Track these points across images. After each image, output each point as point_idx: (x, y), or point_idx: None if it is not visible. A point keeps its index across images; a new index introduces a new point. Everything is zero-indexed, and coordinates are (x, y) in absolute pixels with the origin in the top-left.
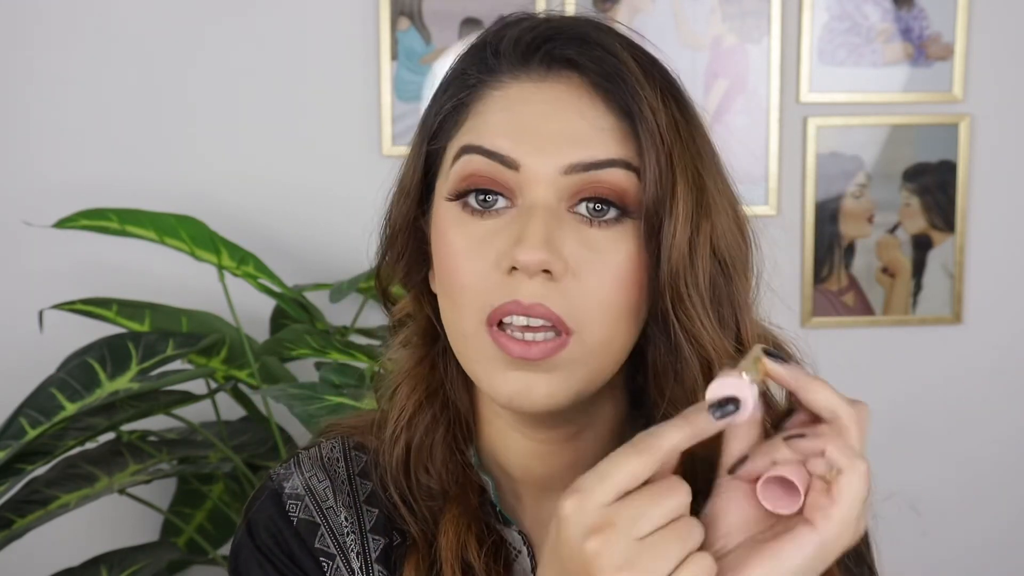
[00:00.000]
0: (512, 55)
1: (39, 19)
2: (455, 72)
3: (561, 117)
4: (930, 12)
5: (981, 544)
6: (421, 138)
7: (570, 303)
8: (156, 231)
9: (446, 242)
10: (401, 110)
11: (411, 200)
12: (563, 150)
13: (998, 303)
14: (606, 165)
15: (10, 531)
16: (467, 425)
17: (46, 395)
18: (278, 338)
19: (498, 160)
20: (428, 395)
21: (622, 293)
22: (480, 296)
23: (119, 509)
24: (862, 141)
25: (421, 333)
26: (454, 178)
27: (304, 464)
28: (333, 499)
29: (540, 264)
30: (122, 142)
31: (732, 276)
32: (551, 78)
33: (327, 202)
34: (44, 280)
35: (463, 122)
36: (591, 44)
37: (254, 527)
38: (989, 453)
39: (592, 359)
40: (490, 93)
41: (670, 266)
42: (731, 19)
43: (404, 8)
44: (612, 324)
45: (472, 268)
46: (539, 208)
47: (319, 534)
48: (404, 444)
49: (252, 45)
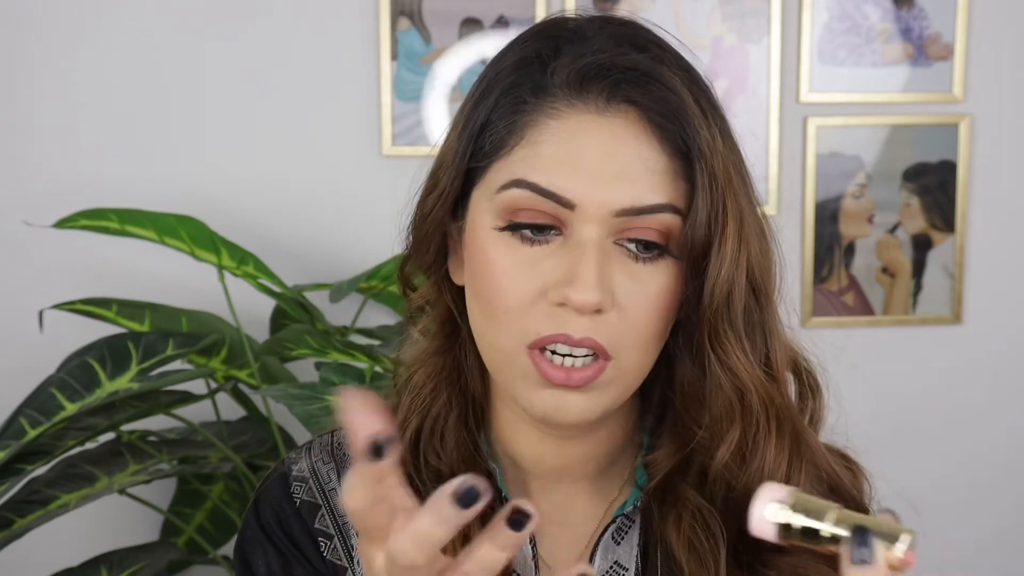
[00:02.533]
0: (570, 83)
1: (40, 20)
2: (504, 87)
3: (618, 157)
4: (930, 12)
5: (981, 544)
6: (463, 148)
7: (613, 333)
8: (156, 231)
9: (488, 260)
10: (401, 110)
11: (447, 205)
12: (617, 193)
13: (998, 303)
14: (656, 211)
15: (10, 531)
16: (480, 412)
17: (46, 395)
18: (278, 338)
19: (552, 199)
20: (445, 380)
21: (659, 322)
22: (525, 320)
23: (119, 509)
24: (862, 141)
25: (441, 321)
26: (503, 207)
27: (314, 449)
28: (337, 481)
29: (595, 306)
30: (122, 142)
31: (763, 302)
32: (610, 112)
33: (327, 202)
34: (44, 280)
35: (514, 146)
36: (652, 80)
37: (260, 506)
38: (989, 452)
39: (624, 380)
40: (545, 121)
41: (712, 304)
42: (731, 19)
43: (404, 8)
44: (647, 350)
45: (517, 291)
46: (591, 246)
47: (320, 515)
48: (416, 426)
49: (252, 45)
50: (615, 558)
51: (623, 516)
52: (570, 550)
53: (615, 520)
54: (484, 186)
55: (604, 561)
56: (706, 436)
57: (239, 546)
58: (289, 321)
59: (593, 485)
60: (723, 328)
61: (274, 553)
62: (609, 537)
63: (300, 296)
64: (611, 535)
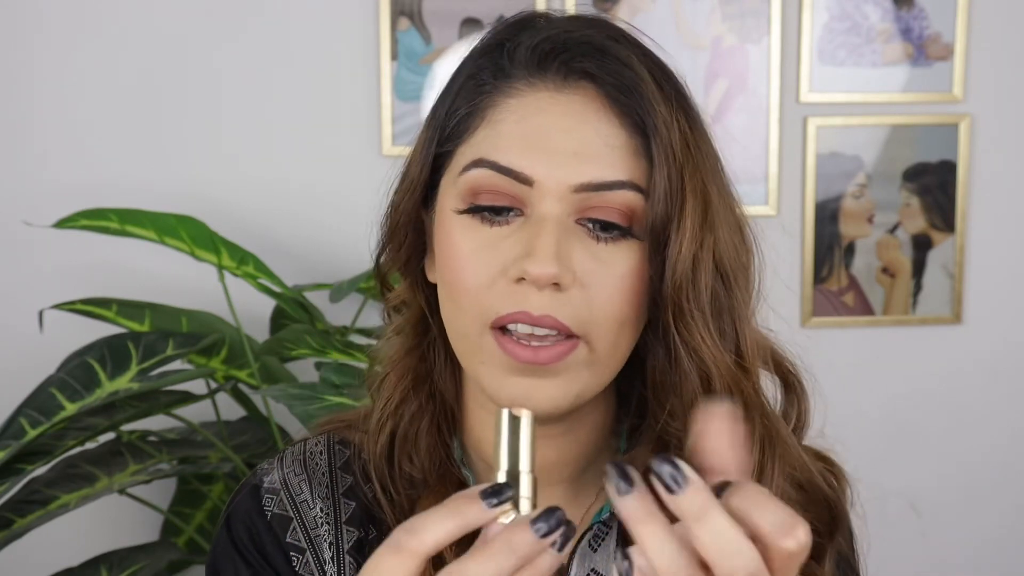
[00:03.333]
0: (528, 62)
1: (40, 20)
2: (468, 74)
3: (576, 134)
4: (930, 12)
5: (980, 544)
6: (430, 137)
7: (576, 312)
8: (156, 231)
9: (451, 243)
10: (401, 110)
11: (416, 195)
12: (576, 168)
13: (998, 303)
14: (616, 187)
15: (10, 531)
16: (452, 417)
17: (46, 395)
18: (278, 338)
19: (512, 176)
20: (415, 384)
21: (626, 304)
22: (485, 301)
23: (119, 509)
24: (862, 141)
25: (413, 323)
26: (465, 189)
27: (286, 460)
28: (308, 492)
29: (551, 278)
30: (122, 142)
31: (733, 287)
32: (568, 89)
33: (327, 202)
34: (44, 280)
35: (476, 128)
36: (609, 56)
37: (232, 520)
38: (989, 453)
39: (596, 365)
40: (504, 101)
41: (674, 281)
42: (731, 19)
43: (404, 8)
44: (617, 333)
45: (478, 272)
46: (549, 221)
47: (291, 528)
48: (389, 432)
49: (252, 45)
50: (592, 565)
51: (600, 523)
52: None
53: (592, 527)
54: (450, 172)
55: (581, 568)
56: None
57: (211, 563)
58: (289, 321)
59: (569, 490)
60: (687, 307)
61: (245, 569)
62: (586, 544)
63: (300, 296)
64: (587, 542)
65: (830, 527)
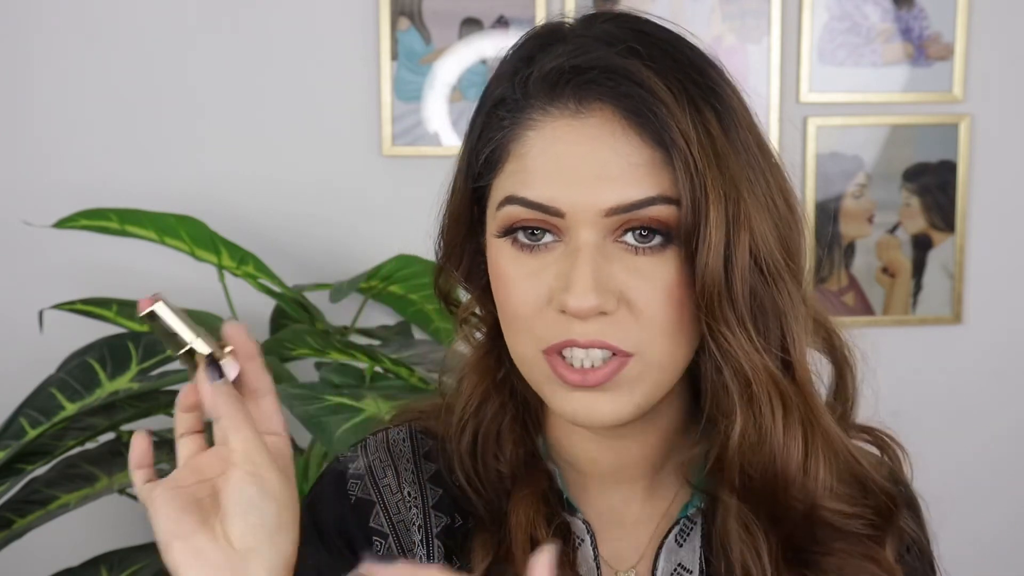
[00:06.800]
0: (541, 91)
1: (40, 20)
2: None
3: (597, 157)
4: (930, 12)
5: (981, 543)
6: (466, 176)
7: (626, 332)
8: (156, 231)
9: (499, 271)
10: (401, 110)
11: (463, 226)
12: (602, 193)
13: (998, 303)
14: (645, 204)
15: (10, 531)
16: (535, 415)
17: (46, 395)
18: (278, 338)
19: (542, 211)
20: (495, 386)
21: (674, 313)
22: (535, 328)
23: (119, 509)
24: (862, 141)
25: (489, 327)
26: (502, 225)
27: (369, 447)
28: (394, 478)
29: (592, 310)
30: (122, 142)
31: (776, 280)
32: (583, 113)
33: (327, 202)
34: (44, 280)
35: (504, 162)
36: (619, 76)
37: (316, 505)
38: (989, 452)
39: (652, 376)
40: (524, 134)
41: (704, 289)
42: (731, 19)
43: (404, 8)
44: (669, 343)
45: (526, 300)
46: (584, 250)
47: (374, 512)
48: (472, 432)
49: (252, 45)
50: (679, 560)
51: (685, 518)
52: (631, 551)
53: (678, 521)
54: (490, 203)
55: (668, 563)
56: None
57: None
58: (289, 321)
59: (648, 486)
60: (720, 314)
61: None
62: (672, 539)
63: (300, 296)
64: (674, 537)
65: (888, 515)
